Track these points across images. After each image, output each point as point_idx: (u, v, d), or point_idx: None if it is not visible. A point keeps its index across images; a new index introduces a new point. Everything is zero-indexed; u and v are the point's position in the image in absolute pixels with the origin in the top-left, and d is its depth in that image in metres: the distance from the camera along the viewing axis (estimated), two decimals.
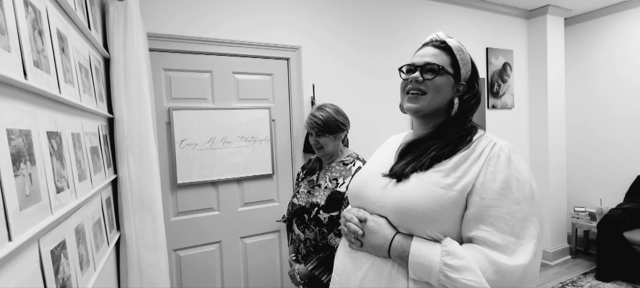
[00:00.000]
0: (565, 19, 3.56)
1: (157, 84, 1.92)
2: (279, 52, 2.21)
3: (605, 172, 3.53)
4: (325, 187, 1.40)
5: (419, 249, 0.73)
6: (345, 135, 1.52)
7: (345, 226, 0.87)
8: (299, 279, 1.41)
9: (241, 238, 2.17)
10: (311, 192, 1.45)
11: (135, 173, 1.34)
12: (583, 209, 3.45)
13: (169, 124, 1.96)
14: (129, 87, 1.34)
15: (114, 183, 1.39)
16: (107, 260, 1.17)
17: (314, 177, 1.50)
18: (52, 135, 0.75)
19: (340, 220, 0.92)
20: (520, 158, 0.78)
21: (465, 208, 0.75)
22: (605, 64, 3.47)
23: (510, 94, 3.32)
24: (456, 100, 0.85)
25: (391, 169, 0.86)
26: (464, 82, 0.87)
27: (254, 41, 2.13)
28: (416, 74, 0.85)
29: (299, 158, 2.29)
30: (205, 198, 2.07)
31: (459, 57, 0.86)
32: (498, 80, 3.24)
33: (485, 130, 0.86)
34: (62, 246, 0.75)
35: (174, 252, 1.99)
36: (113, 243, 1.25)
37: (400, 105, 0.94)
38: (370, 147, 1.93)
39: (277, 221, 2.23)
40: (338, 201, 1.34)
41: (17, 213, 0.56)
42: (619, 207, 3.10)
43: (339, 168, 1.43)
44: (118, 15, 1.34)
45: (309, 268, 1.37)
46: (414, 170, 0.80)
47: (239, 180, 2.15)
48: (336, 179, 1.40)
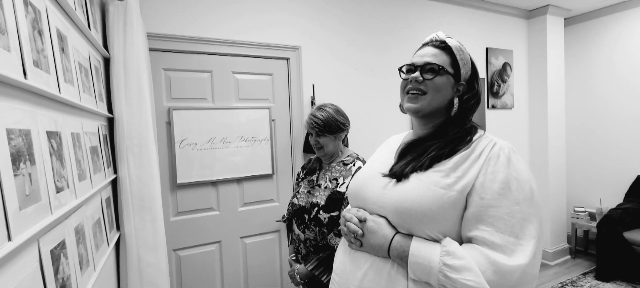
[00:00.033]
0: (565, 19, 3.56)
1: (157, 83, 1.92)
2: (279, 52, 2.21)
3: (605, 172, 3.53)
4: (325, 187, 1.40)
5: (418, 249, 0.73)
6: (346, 135, 1.52)
7: (344, 226, 0.87)
8: (299, 279, 1.41)
9: (241, 238, 2.17)
10: (311, 192, 1.45)
11: (135, 173, 1.34)
12: (583, 209, 3.45)
13: (169, 123, 1.96)
14: (129, 87, 1.35)
15: (114, 183, 1.39)
16: (107, 260, 1.17)
17: (314, 177, 1.50)
18: (52, 135, 0.75)
19: (340, 220, 0.92)
20: (520, 159, 0.78)
21: (465, 208, 0.75)
22: (605, 64, 3.47)
23: (510, 94, 3.32)
24: (456, 100, 0.85)
25: (391, 169, 0.86)
26: (464, 82, 0.87)
27: (254, 41, 2.13)
28: (416, 74, 0.85)
29: (299, 159, 2.29)
30: (205, 198, 2.07)
31: (458, 57, 0.86)
32: (498, 80, 3.24)
33: (485, 130, 0.86)
34: (62, 246, 0.75)
35: (173, 252, 1.99)
36: (113, 243, 1.25)
37: (400, 105, 0.94)
38: (370, 147, 1.93)
39: (277, 221, 2.23)
40: (338, 201, 1.34)
41: (17, 213, 0.56)
42: (619, 207, 3.10)
43: (339, 168, 1.43)
44: (118, 15, 1.34)
45: (309, 268, 1.37)
46: (413, 170, 0.80)
47: (238, 180, 2.15)
48: (336, 179, 1.40)
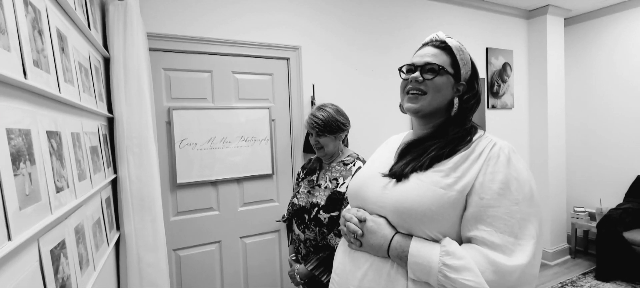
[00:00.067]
0: (565, 19, 3.56)
1: (157, 83, 1.92)
2: (279, 52, 2.21)
3: (605, 172, 3.53)
4: (326, 187, 1.40)
5: (418, 249, 0.73)
6: (346, 135, 1.52)
7: (344, 226, 0.87)
8: (299, 279, 1.41)
9: (241, 238, 2.17)
10: (311, 192, 1.45)
11: (135, 173, 1.34)
12: (583, 209, 3.45)
13: (169, 123, 1.96)
14: (129, 87, 1.35)
15: (114, 183, 1.39)
16: (107, 259, 1.17)
17: (314, 177, 1.50)
18: (52, 135, 0.75)
19: (340, 220, 0.92)
20: (520, 159, 0.78)
21: (465, 208, 0.75)
22: (605, 64, 3.47)
23: (510, 94, 3.32)
24: (456, 100, 0.85)
25: (391, 169, 0.86)
26: (464, 82, 0.87)
27: (254, 41, 2.13)
28: (416, 74, 0.85)
29: (299, 158, 2.29)
30: (205, 198, 2.07)
31: (459, 57, 0.86)
32: (498, 80, 3.24)
33: (485, 130, 0.86)
34: (62, 246, 0.75)
35: (173, 252, 1.99)
36: (113, 243, 1.25)
37: (400, 105, 0.94)
38: (370, 147, 1.93)
39: (277, 221, 2.23)
40: (338, 201, 1.34)
41: (17, 212, 0.56)
42: (619, 207, 3.10)
43: (339, 168, 1.43)
44: (118, 15, 1.34)
45: (309, 269, 1.37)
46: (413, 170, 0.80)
47: (238, 180, 2.15)
48: (336, 179, 1.40)
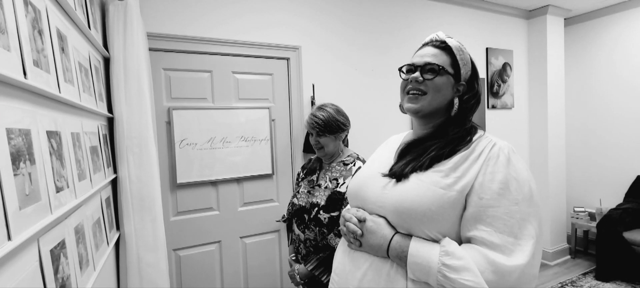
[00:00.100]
0: (565, 19, 3.56)
1: (157, 83, 1.92)
2: (279, 52, 2.21)
3: (604, 172, 3.53)
4: (326, 187, 1.40)
5: (417, 249, 0.73)
6: (346, 135, 1.52)
7: (344, 226, 0.87)
8: (298, 279, 1.41)
9: (241, 238, 2.17)
10: (311, 192, 1.45)
11: (135, 173, 1.34)
12: (582, 209, 3.46)
13: (169, 123, 1.96)
14: (129, 87, 1.35)
15: (114, 183, 1.39)
16: (107, 259, 1.17)
17: (314, 177, 1.50)
18: (52, 135, 0.75)
19: (340, 220, 0.92)
20: (520, 159, 0.78)
21: (464, 208, 0.75)
22: (605, 64, 3.47)
23: (510, 94, 3.32)
24: (456, 101, 0.85)
25: (391, 169, 0.86)
26: (464, 82, 0.87)
27: (254, 41, 2.13)
28: (416, 74, 0.85)
29: (299, 158, 2.29)
30: (205, 198, 2.07)
31: (459, 57, 0.86)
32: (498, 80, 3.24)
33: (485, 131, 0.86)
34: (62, 245, 0.75)
35: (173, 252, 1.99)
36: (113, 243, 1.25)
37: (400, 105, 0.94)
38: (370, 147, 1.93)
39: (277, 221, 2.23)
40: (338, 201, 1.34)
41: (17, 212, 0.56)
42: (619, 207, 3.10)
43: (339, 168, 1.43)
44: (118, 15, 1.34)
45: (308, 269, 1.37)
46: (413, 170, 0.80)
47: (238, 180, 2.15)
48: (336, 179, 1.40)
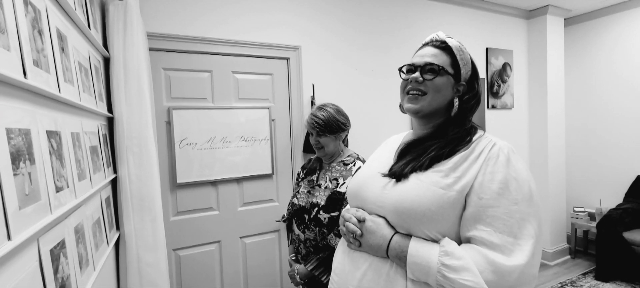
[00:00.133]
0: (565, 19, 3.56)
1: (157, 83, 1.92)
2: (278, 52, 2.21)
3: (604, 172, 3.53)
4: (326, 187, 1.40)
5: (417, 249, 0.73)
6: (346, 135, 1.52)
7: (343, 226, 0.87)
8: (298, 279, 1.41)
9: (241, 238, 2.17)
10: (311, 192, 1.45)
11: (135, 173, 1.34)
12: (582, 209, 3.46)
13: (169, 123, 1.96)
14: (129, 87, 1.35)
15: (114, 183, 1.39)
16: (107, 259, 1.17)
17: (314, 177, 1.50)
18: (52, 135, 0.75)
19: (339, 220, 0.92)
20: (519, 159, 0.78)
21: (464, 208, 0.75)
22: (605, 64, 3.47)
23: (510, 94, 3.32)
24: (456, 101, 0.85)
25: (390, 169, 0.86)
26: (464, 83, 0.86)
27: (254, 41, 2.13)
28: (416, 74, 0.85)
29: (299, 158, 2.29)
30: (205, 198, 2.07)
31: (459, 57, 0.86)
32: (498, 80, 3.24)
33: (484, 131, 0.86)
34: (62, 245, 0.75)
35: (173, 252, 1.99)
36: (112, 243, 1.25)
37: (400, 105, 0.94)
38: (370, 147, 1.93)
39: (277, 221, 2.23)
40: (338, 201, 1.34)
41: (17, 212, 0.56)
42: (619, 207, 3.10)
43: (339, 168, 1.43)
44: (118, 15, 1.34)
45: (308, 269, 1.37)
46: (413, 170, 0.80)
47: (238, 180, 2.15)
48: (336, 179, 1.40)
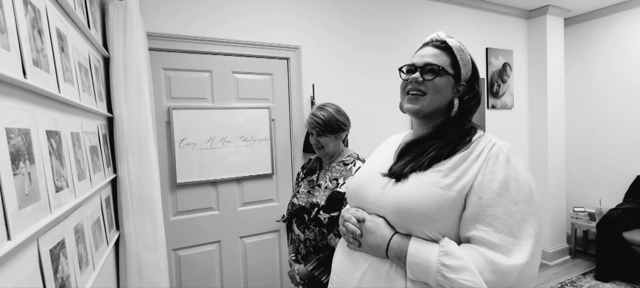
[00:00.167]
0: (565, 19, 3.56)
1: (157, 83, 1.92)
2: (278, 52, 2.21)
3: (604, 172, 3.53)
4: (326, 187, 1.40)
5: (416, 249, 0.73)
6: (346, 135, 1.52)
7: (343, 226, 0.87)
8: (298, 279, 1.41)
9: (241, 238, 2.17)
10: (311, 192, 1.45)
11: (135, 173, 1.34)
12: (582, 209, 3.46)
13: (169, 123, 1.96)
14: (129, 87, 1.35)
15: (114, 183, 1.39)
16: (106, 259, 1.17)
17: (314, 177, 1.50)
18: (52, 134, 0.75)
19: (339, 220, 0.92)
20: (519, 159, 0.78)
21: (464, 208, 0.75)
22: (605, 64, 3.47)
23: (510, 94, 3.32)
24: (456, 101, 0.85)
25: (390, 169, 0.86)
26: (464, 83, 0.86)
27: (254, 41, 2.13)
28: (416, 75, 0.85)
29: (299, 158, 2.29)
30: (205, 197, 2.07)
31: (459, 58, 0.86)
32: (498, 80, 3.24)
33: (484, 131, 0.86)
34: (61, 245, 0.75)
35: (173, 252, 1.99)
36: (112, 243, 1.25)
37: (400, 105, 0.94)
38: (370, 147, 1.93)
39: (277, 221, 2.23)
40: (338, 201, 1.34)
41: (16, 212, 0.56)
42: (619, 207, 3.10)
43: (339, 168, 1.43)
44: (118, 15, 1.34)
45: (308, 269, 1.37)
46: (413, 170, 0.80)
47: (238, 180, 2.15)
48: (336, 179, 1.40)
